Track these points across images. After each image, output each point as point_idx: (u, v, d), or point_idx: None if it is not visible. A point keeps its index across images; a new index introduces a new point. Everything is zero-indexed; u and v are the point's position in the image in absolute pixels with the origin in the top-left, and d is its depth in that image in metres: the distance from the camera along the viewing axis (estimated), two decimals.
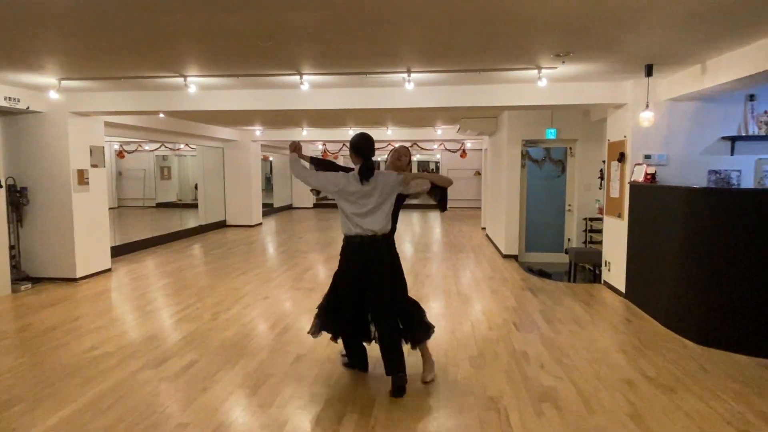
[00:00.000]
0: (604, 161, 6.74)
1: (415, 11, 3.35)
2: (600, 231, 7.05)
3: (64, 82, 5.75)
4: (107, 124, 7.56)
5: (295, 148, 3.76)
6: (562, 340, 4.48)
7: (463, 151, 15.30)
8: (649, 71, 4.99)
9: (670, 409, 3.23)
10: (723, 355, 4.11)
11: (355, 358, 3.81)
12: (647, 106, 5.22)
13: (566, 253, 7.75)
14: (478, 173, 15.21)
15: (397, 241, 3.77)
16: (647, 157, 5.64)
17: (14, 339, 4.62)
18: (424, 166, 20.31)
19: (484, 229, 11.96)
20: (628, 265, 5.75)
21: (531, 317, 5.18)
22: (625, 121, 5.87)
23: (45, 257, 6.80)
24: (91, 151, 7.04)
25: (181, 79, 5.53)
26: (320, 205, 19.64)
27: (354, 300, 3.58)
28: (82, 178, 6.86)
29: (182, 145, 13.53)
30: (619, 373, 3.79)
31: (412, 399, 3.38)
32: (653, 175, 5.41)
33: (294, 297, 6.03)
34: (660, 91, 5.55)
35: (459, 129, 10.40)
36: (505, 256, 8.40)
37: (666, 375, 3.74)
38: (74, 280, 6.76)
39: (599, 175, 7.52)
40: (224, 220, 13.04)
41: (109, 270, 7.41)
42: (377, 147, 3.87)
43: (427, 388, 3.54)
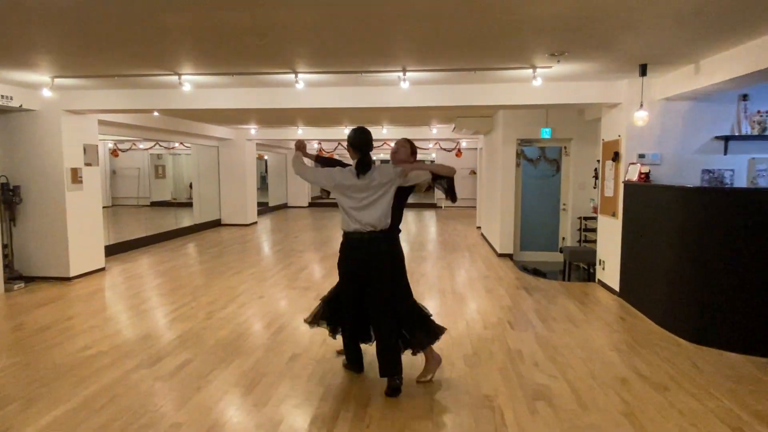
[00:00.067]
0: (598, 160, 6.77)
1: (410, 10, 3.35)
2: (594, 230, 7.07)
3: (58, 80, 5.72)
4: (101, 123, 7.52)
5: (299, 146, 3.75)
6: (557, 339, 4.49)
7: (459, 150, 15.31)
8: (643, 71, 5.01)
9: (664, 407, 3.25)
10: (716, 353, 4.13)
11: (351, 356, 3.78)
12: (641, 106, 5.24)
13: (561, 252, 7.77)
14: (474, 172, 15.23)
15: None
16: (641, 156, 5.66)
17: (7, 338, 4.59)
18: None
19: (479, 228, 11.98)
20: (622, 264, 5.78)
21: (526, 316, 5.19)
22: (619, 121, 5.90)
23: (38, 256, 6.76)
24: (84, 150, 7.00)
25: (175, 77, 5.50)
26: (316, 204, 19.63)
27: (354, 298, 3.53)
28: (76, 176, 6.82)
29: (177, 144, 13.47)
30: (613, 371, 3.81)
31: (407, 398, 3.38)
32: (647, 175, 5.44)
33: (289, 296, 6.02)
34: (654, 91, 5.57)
35: (454, 128, 10.42)
36: (500, 255, 8.42)
37: (660, 373, 3.76)
38: (68, 279, 6.73)
39: (594, 175, 7.54)
40: (219, 219, 13.00)
41: (103, 269, 7.37)
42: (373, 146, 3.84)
43: (423, 387, 3.54)
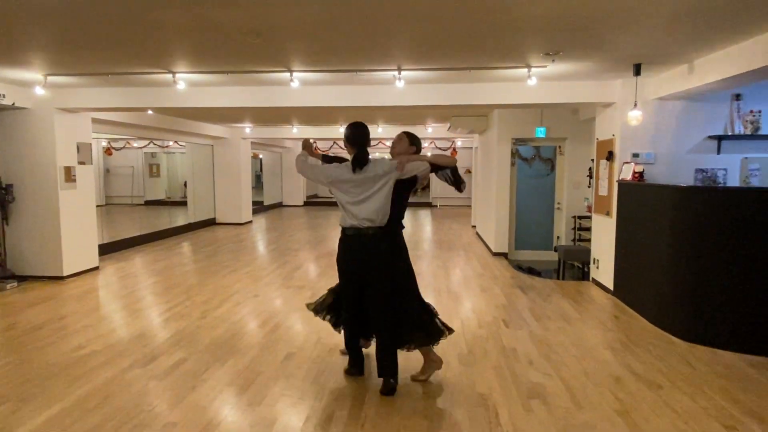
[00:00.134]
0: (592, 160, 6.79)
1: (406, 9, 3.35)
2: (589, 229, 7.10)
3: (51, 78, 5.68)
4: (94, 121, 7.47)
5: (306, 146, 3.73)
6: (551, 337, 4.51)
7: (454, 149, 15.32)
8: (637, 70, 5.03)
9: (657, 404, 3.27)
10: (709, 351, 4.16)
11: (352, 356, 3.68)
12: (635, 105, 5.26)
13: (555, 250, 7.80)
14: (469, 171, 15.25)
15: None
16: (635, 155, 5.69)
17: (0, 338, 4.56)
18: None
19: (474, 227, 12.00)
20: (616, 263, 5.80)
21: (520, 314, 5.21)
22: (613, 120, 5.92)
23: (31, 255, 6.72)
24: (78, 148, 6.96)
25: (169, 76, 5.48)
26: (311, 203, 19.62)
27: (353, 297, 3.48)
28: (69, 175, 6.78)
29: (171, 142, 13.41)
30: (606, 369, 3.83)
31: (402, 396, 3.38)
32: (641, 174, 5.46)
33: (284, 295, 6.01)
34: (648, 91, 5.60)
35: (449, 127, 10.42)
36: (495, 254, 8.44)
37: (653, 371, 3.78)
38: (61, 278, 6.69)
39: (588, 174, 7.57)
40: (214, 218, 12.97)
41: (96, 268, 7.33)
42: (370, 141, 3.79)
43: (418, 386, 3.55)
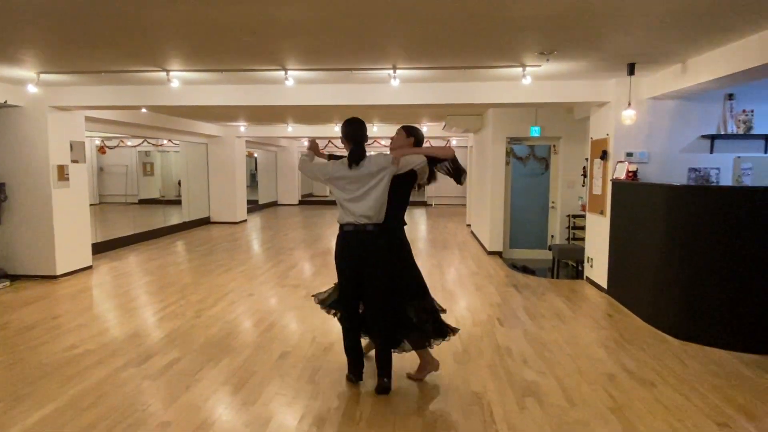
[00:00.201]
0: (587, 159, 6.82)
1: (401, 8, 3.35)
2: (583, 228, 7.13)
3: (44, 76, 5.64)
4: (88, 119, 7.43)
5: (312, 146, 3.68)
6: (545, 336, 4.52)
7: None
8: (631, 70, 5.05)
9: (651, 402, 3.28)
10: (702, 349, 4.18)
11: (351, 356, 3.53)
12: (629, 105, 5.29)
13: (550, 249, 7.83)
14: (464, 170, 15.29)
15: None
16: (629, 154, 5.71)
17: None
18: None
19: (469, 225, 12.02)
20: (610, 262, 5.83)
21: (515, 313, 5.22)
22: (607, 120, 5.94)
23: (24, 254, 6.68)
24: (71, 147, 6.92)
25: (163, 74, 5.45)
26: (306, 201, 19.59)
27: (351, 295, 3.42)
28: (62, 173, 6.74)
29: (165, 141, 13.35)
30: (600, 367, 3.85)
31: (396, 395, 3.38)
32: (635, 173, 5.48)
33: (279, 294, 6.00)
34: (642, 90, 5.62)
35: (444, 126, 10.44)
36: (490, 253, 8.46)
37: (646, 369, 3.80)
38: (54, 277, 6.65)
39: (582, 173, 7.60)
40: (208, 217, 12.93)
41: (90, 267, 7.30)
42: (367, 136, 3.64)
43: (413, 385, 3.55)
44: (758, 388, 3.48)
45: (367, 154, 3.41)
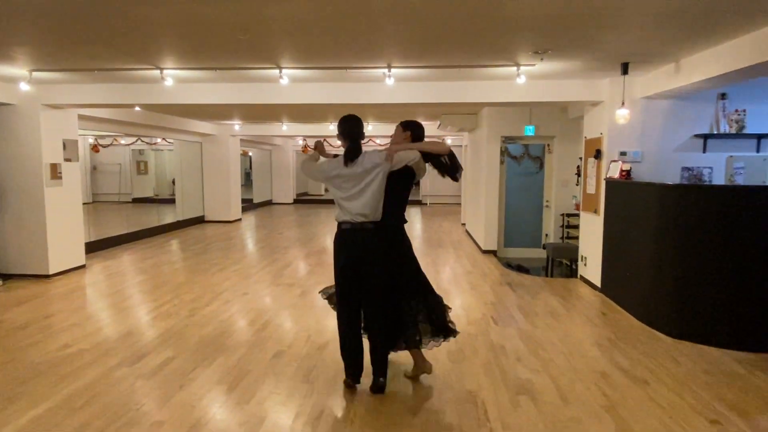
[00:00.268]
0: (581, 158, 6.84)
1: (396, 6, 3.35)
2: (577, 227, 7.15)
3: (36, 74, 5.60)
4: (81, 117, 7.38)
5: (318, 147, 3.65)
6: (539, 334, 4.54)
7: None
8: (625, 69, 5.07)
9: (644, 400, 3.30)
10: (694, 347, 4.21)
11: (350, 356, 3.44)
12: (623, 104, 5.31)
13: (544, 248, 7.85)
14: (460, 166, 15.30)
15: None
16: (623, 154, 5.74)
17: None
18: None
19: (464, 224, 12.04)
20: (603, 260, 5.85)
21: (509, 311, 5.24)
22: (601, 119, 5.97)
23: (16, 253, 6.63)
24: (64, 145, 6.87)
25: (157, 72, 5.42)
26: (301, 200, 19.57)
27: (349, 294, 3.37)
28: (55, 172, 6.70)
29: (159, 139, 13.31)
30: (594, 365, 3.86)
31: (391, 394, 3.39)
32: (628, 172, 5.51)
33: (274, 293, 5.99)
34: (635, 89, 5.64)
35: (439, 125, 10.44)
36: (485, 252, 8.47)
37: (639, 367, 3.82)
38: (47, 276, 6.61)
39: (576, 172, 7.62)
40: (202, 216, 12.88)
41: (83, 266, 7.26)
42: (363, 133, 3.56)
43: (407, 383, 3.55)
44: (750, 386, 3.50)
45: (363, 151, 3.39)
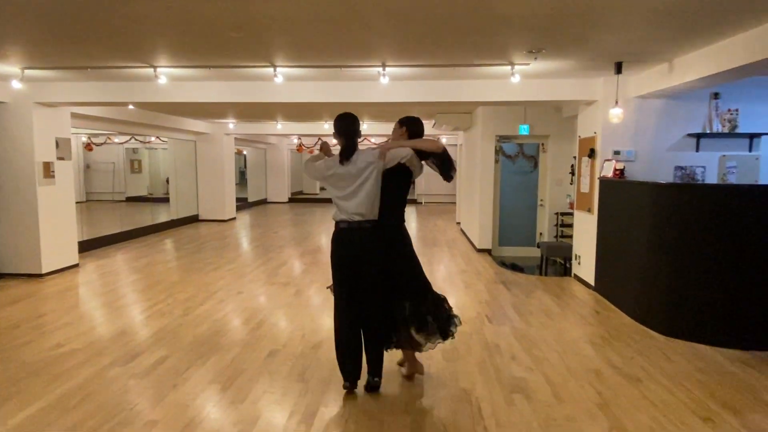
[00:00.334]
0: (575, 157, 6.86)
1: (390, 4, 3.34)
2: (571, 225, 7.18)
3: (28, 72, 5.56)
4: (74, 116, 7.34)
5: (323, 147, 3.62)
6: (534, 332, 4.55)
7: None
8: (618, 69, 5.08)
9: (637, 398, 3.32)
10: (687, 345, 4.24)
11: (348, 356, 3.36)
12: (617, 103, 5.33)
13: (538, 247, 7.87)
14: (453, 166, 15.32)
15: None
16: (616, 153, 5.76)
17: None
18: None
19: (458, 223, 12.06)
20: (597, 259, 5.87)
21: (503, 310, 5.25)
22: (595, 118, 5.99)
23: (8, 252, 6.59)
24: (57, 144, 6.83)
25: (150, 70, 5.39)
26: (296, 199, 19.54)
27: (346, 294, 3.34)
28: (48, 171, 6.66)
29: (153, 138, 13.22)
30: (587, 363, 3.88)
31: (385, 392, 3.39)
32: (622, 171, 5.53)
33: (268, 292, 5.98)
34: (629, 89, 5.67)
35: (434, 124, 10.44)
36: (479, 250, 8.49)
37: (633, 365, 3.84)
38: (39, 275, 6.57)
39: (570, 171, 7.65)
40: (197, 215, 12.83)
41: (76, 265, 7.22)
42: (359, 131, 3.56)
43: (402, 382, 3.56)
44: (742, 384, 3.53)
45: (358, 149, 3.37)
